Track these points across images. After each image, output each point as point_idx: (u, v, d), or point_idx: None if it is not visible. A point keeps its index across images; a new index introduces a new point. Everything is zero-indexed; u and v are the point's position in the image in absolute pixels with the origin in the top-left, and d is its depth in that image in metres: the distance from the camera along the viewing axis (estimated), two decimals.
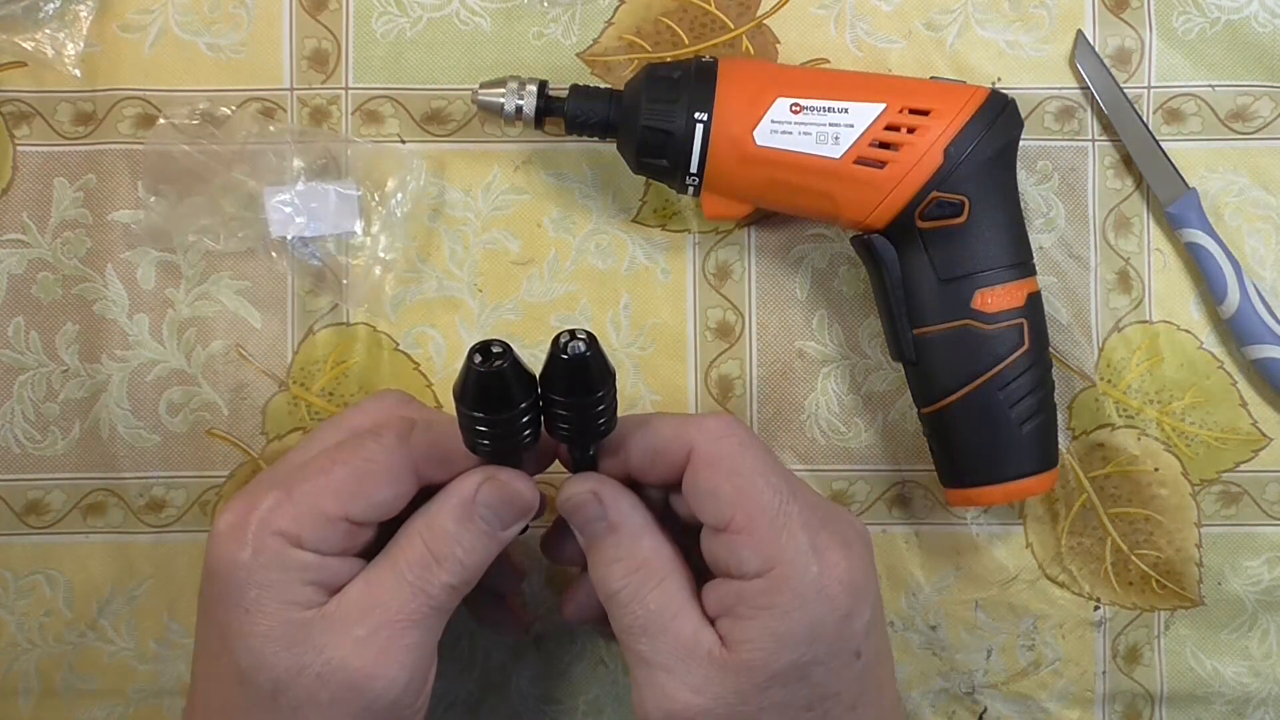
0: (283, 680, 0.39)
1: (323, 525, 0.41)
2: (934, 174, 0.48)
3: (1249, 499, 0.55)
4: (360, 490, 0.41)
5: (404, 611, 0.40)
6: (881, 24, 0.55)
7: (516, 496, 0.42)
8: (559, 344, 0.38)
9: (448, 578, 0.41)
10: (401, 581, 0.41)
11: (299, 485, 0.41)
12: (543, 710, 0.55)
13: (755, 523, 0.41)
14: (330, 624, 0.40)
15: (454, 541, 0.41)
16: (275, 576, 0.40)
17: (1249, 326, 0.53)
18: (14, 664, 0.54)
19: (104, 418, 0.54)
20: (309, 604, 0.40)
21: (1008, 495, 0.50)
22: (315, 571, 0.41)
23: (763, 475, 0.42)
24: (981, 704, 0.55)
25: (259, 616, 0.40)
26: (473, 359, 0.38)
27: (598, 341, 0.39)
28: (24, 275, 0.54)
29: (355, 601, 0.41)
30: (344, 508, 0.41)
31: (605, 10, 0.55)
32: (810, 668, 0.40)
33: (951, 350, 0.49)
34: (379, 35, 0.54)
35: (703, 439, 0.42)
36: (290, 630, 0.40)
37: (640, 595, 0.41)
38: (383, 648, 0.40)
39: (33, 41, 0.53)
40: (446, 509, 0.42)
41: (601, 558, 0.43)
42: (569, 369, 0.39)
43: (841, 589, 0.41)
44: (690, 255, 0.55)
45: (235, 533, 0.40)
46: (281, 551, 0.40)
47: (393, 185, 0.53)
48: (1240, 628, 0.55)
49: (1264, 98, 0.55)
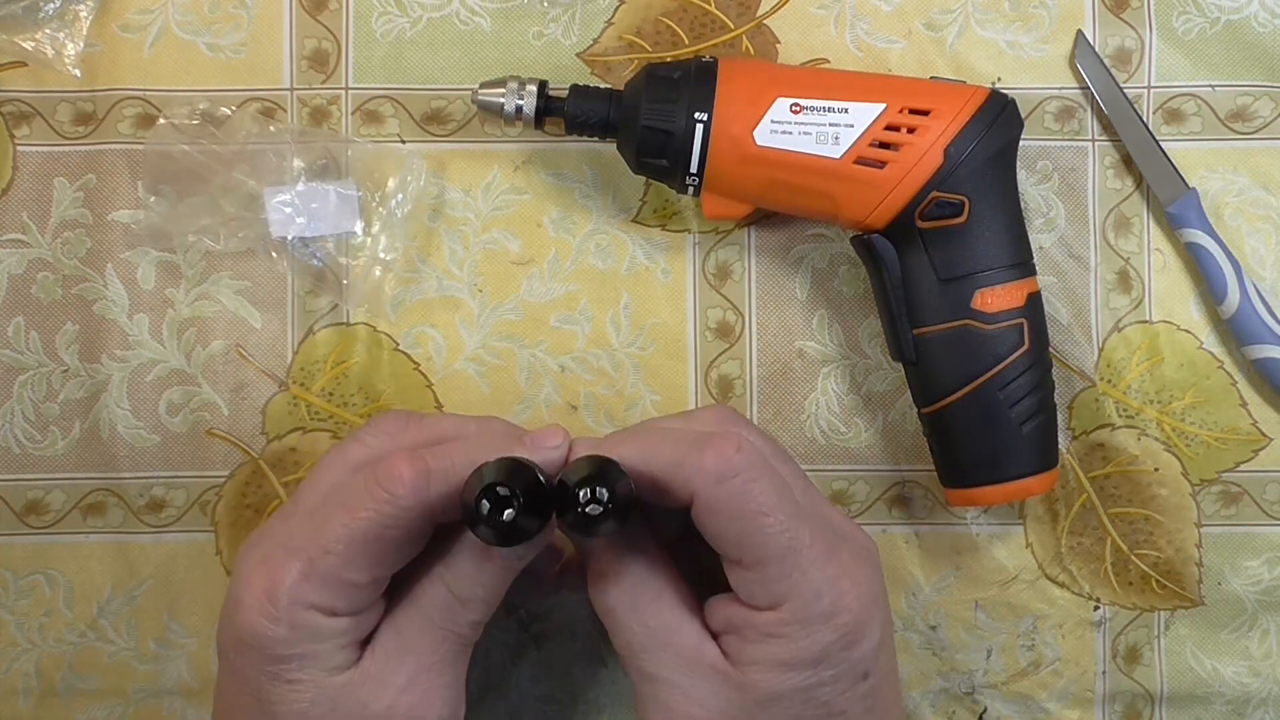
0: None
1: (352, 591, 0.40)
2: (934, 174, 0.48)
3: (1249, 499, 0.55)
4: (384, 554, 0.41)
5: (437, 654, 0.42)
6: (881, 24, 0.55)
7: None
8: (576, 498, 0.38)
9: (473, 616, 0.42)
10: (431, 626, 0.42)
11: (322, 558, 0.40)
12: (543, 710, 0.55)
13: (762, 563, 0.40)
14: (368, 679, 0.41)
15: (475, 583, 0.42)
16: (314, 648, 0.40)
17: (1249, 326, 0.53)
18: (14, 664, 0.54)
19: (104, 418, 0.54)
20: (346, 665, 0.41)
21: (1008, 495, 0.50)
22: (350, 634, 0.41)
23: (770, 514, 0.40)
24: (981, 704, 0.55)
25: (301, 687, 0.40)
26: (479, 507, 0.37)
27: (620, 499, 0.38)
28: (24, 275, 0.54)
29: (389, 652, 0.41)
30: (370, 573, 0.41)
31: (605, 10, 0.55)
32: (816, 689, 0.40)
33: (951, 350, 0.49)
34: (379, 35, 0.54)
35: (703, 485, 0.40)
36: (333, 694, 0.40)
37: (637, 611, 0.42)
38: (423, 691, 0.41)
39: (33, 41, 0.53)
40: (465, 552, 0.42)
41: (599, 573, 0.43)
42: (589, 524, 0.38)
43: (850, 617, 0.40)
44: (690, 255, 0.55)
45: (265, 609, 0.40)
46: (316, 624, 0.40)
47: (393, 185, 0.53)
48: (1240, 628, 0.55)
49: (1264, 98, 0.55)
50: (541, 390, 0.54)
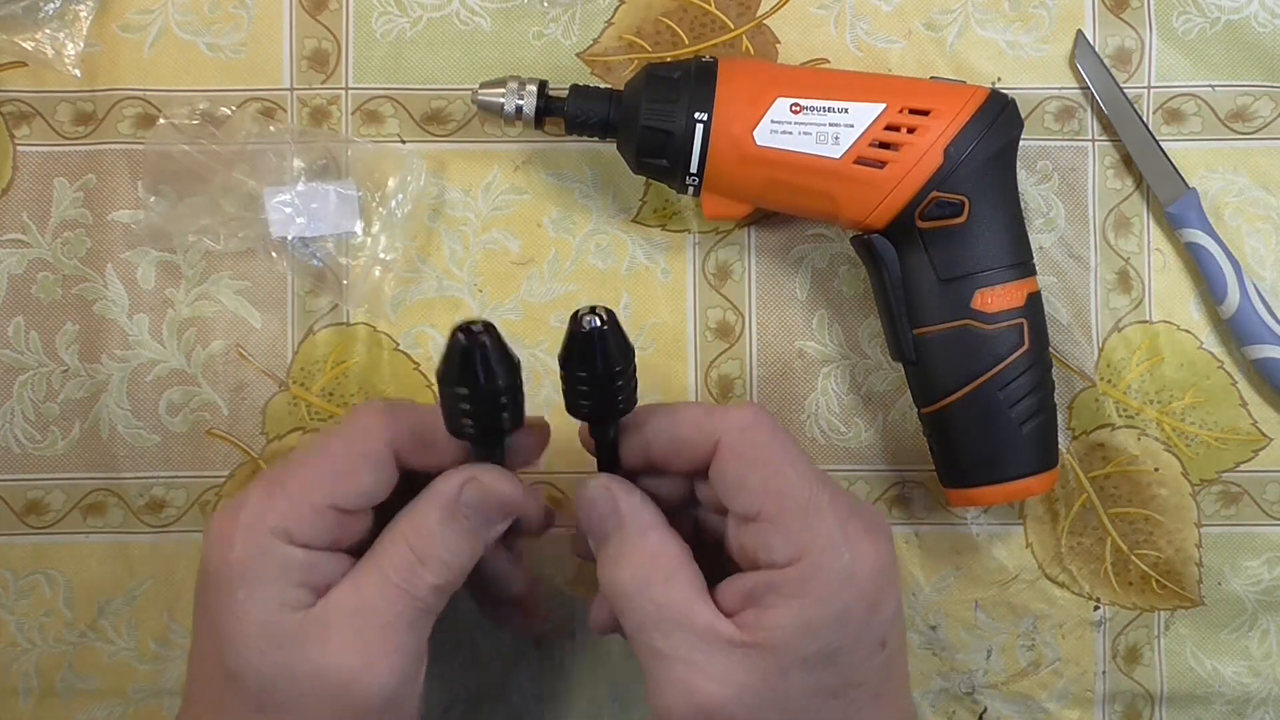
0: (269, 682, 0.39)
1: (311, 517, 0.41)
2: (934, 174, 0.48)
3: (1249, 499, 0.55)
4: (344, 477, 0.41)
5: (391, 613, 0.40)
6: (881, 24, 0.55)
7: (499, 496, 0.42)
8: (578, 319, 0.39)
9: (433, 579, 0.41)
10: (387, 584, 0.41)
11: (287, 481, 0.41)
12: (543, 710, 0.55)
13: (785, 512, 0.40)
14: (317, 626, 0.40)
15: (438, 543, 0.41)
16: (265, 576, 0.40)
17: (1249, 326, 0.53)
18: (14, 664, 0.54)
19: (104, 418, 0.54)
20: (297, 605, 0.40)
21: (1008, 495, 0.50)
22: (305, 570, 0.41)
23: (791, 465, 0.41)
24: (981, 704, 0.55)
25: (247, 618, 0.40)
26: (455, 335, 0.38)
27: (617, 318, 0.39)
28: (24, 275, 0.54)
29: (342, 603, 0.40)
30: (330, 496, 0.41)
31: (605, 10, 0.55)
32: (837, 655, 0.40)
33: (951, 350, 0.49)
34: (379, 35, 0.54)
35: (729, 430, 0.42)
36: (278, 632, 0.40)
37: (649, 587, 0.41)
38: (370, 650, 0.40)
39: (33, 41, 0.53)
40: (430, 510, 0.42)
41: (609, 556, 0.42)
42: (587, 344, 0.39)
43: (871, 578, 0.40)
44: (690, 255, 0.55)
45: (225, 531, 0.41)
46: (271, 549, 0.40)
47: (393, 185, 0.53)
48: (1240, 628, 0.55)
49: (1264, 98, 0.55)
50: (541, 390, 0.54)
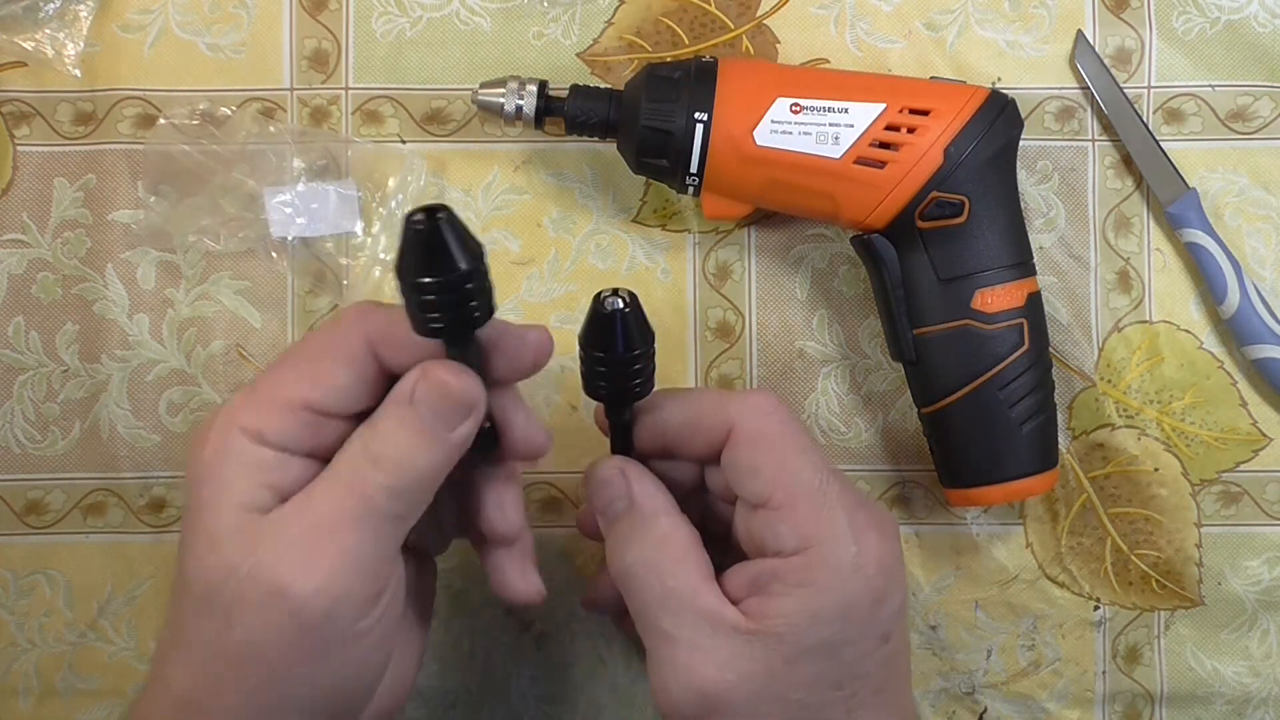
0: (214, 582, 0.37)
1: (284, 415, 0.39)
2: (934, 174, 0.48)
3: (1249, 499, 0.55)
4: (319, 374, 0.39)
5: (337, 514, 0.38)
6: (881, 24, 0.55)
7: (454, 390, 0.39)
8: (600, 300, 0.38)
9: (384, 479, 0.38)
10: (337, 482, 0.38)
11: (262, 381, 0.40)
12: (543, 710, 0.55)
13: (795, 500, 0.41)
14: (268, 526, 0.38)
15: (389, 441, 0.38)
16: (232, 474, 0.38)
17: (1249, 326, 0.53)
18: (14, 664, 0.54)
19: (104, 418, 0.54)
20: (260, 507, 0.38)
21: (1008, 495, 0.50)
22: (273, 471, 0.38)
23: (804, 454, 0.42)
24: (981, 704, 0.55)
25: (207, 517, 0.38)
26: (411, 218, 0.35)
27: (639, 302, 0.38)
28: (24, 275, 0.54)
29: (294, 505, 0.38)
30: (304, 393, 0.39)
31: (605, 10, 0.55)
32: (840, 647, 0.40)
33: (951, 350, 0.49)
34: (379, 35, 0.54)
35: (744, 415, 0.42)
36: (231, 533, 0.37)
37: (658, 569, 0.41)
38: (312, 552, 0.37)
39: (33, 41, 0.53)
40: (386, 411, 0.39)
41: (619, 536, 0.42)
42: (607, 326, 0.39)
43: (877, 570, 0.41)
44: (690, 255, 0.55)
45: (202, 432, 0.39)
46: (241, 448, 0.38)
47: (393, 185, 0.53)
48: (1240, 628, 0.55)
49: (1264, 98, 0.55)
50: (541, 390, 0.54)
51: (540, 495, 0.54)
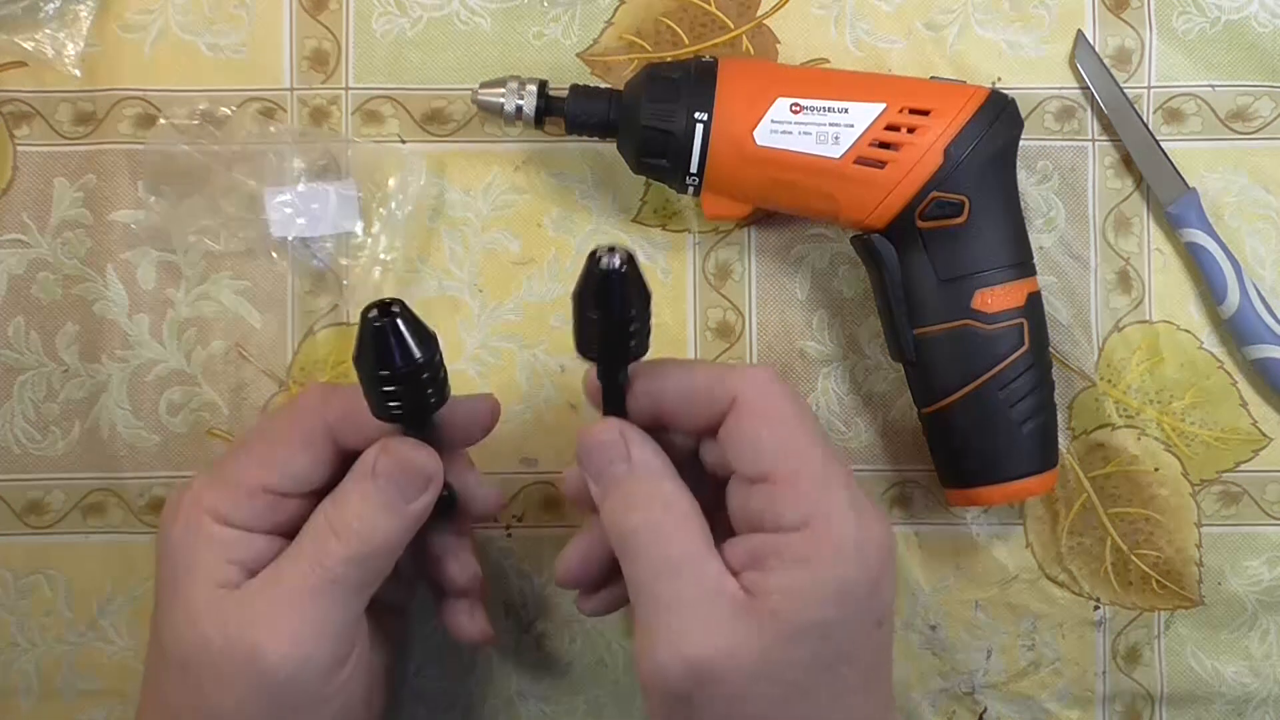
0: (190, 654, 0.40)
1: (245, 499, 0.42)
2: (934, 174, 0.48)
3: (1249, 499, 0.55)
4: (276, 458, 0.42)
5: (300, 584, 0.40)
6: (881, 24, 0.55)
7: (412, 464, 0.42)
8: (595, 258, 0.37)
9: (344, 550, 0.40)
10: (300, 555, 0.41)
11: (225, 465, 0.43)
12: (543, 710, 0.55)
13: (798, 475, 0.40)
14: (238, 600, 0.41)
15: (350, 512, 0.41)
16: (200, 554, 0.41)
17: (1249, 326, 0.53)
18: (14, 664, 0.54)
19: (104, 418, 0.54)
20: (228, 583, 0.41)
21: (1008, 495, 0.50)
22: (238, 549, 0.41)
23: (807, 430, 0.41)
24: (981, 704, 0.55)
25: (178, 593, 0.41)
26: (366, 315, 0.37)
27: (635, 260, 0.38)
28: (24, 275, 0.54)
29: (261, 579, 0.41)
30: (262, 478, 0.42)
31: (605, 10, 0.55)
32: (835, 628, 0.39)
33: (951, 350, 0.49)
34: (379, 35, 0.54)
35: (748, 387, 0.41)
36: (204, 607, 0.40)
37: (663, 534, 0.40)
38: (279, 622, 0.40)
39: (33, 41, 0.53)
40: (347, 486, 0.42)
41: (620, 500, 0.41)
42: (603, 285, 0.38)
43: (876, 552, 0.40)
44: (690, 255, 0.55)
45: (170, 513, 0.42)
46: (207, 529, 0.41)
47: (393, 185, 0.53)
48: (1240, 628, 0.55)
49: (1264, 98, 0.55)
50: (542, 390, 0.54)
51: (540, 495, 0.54)
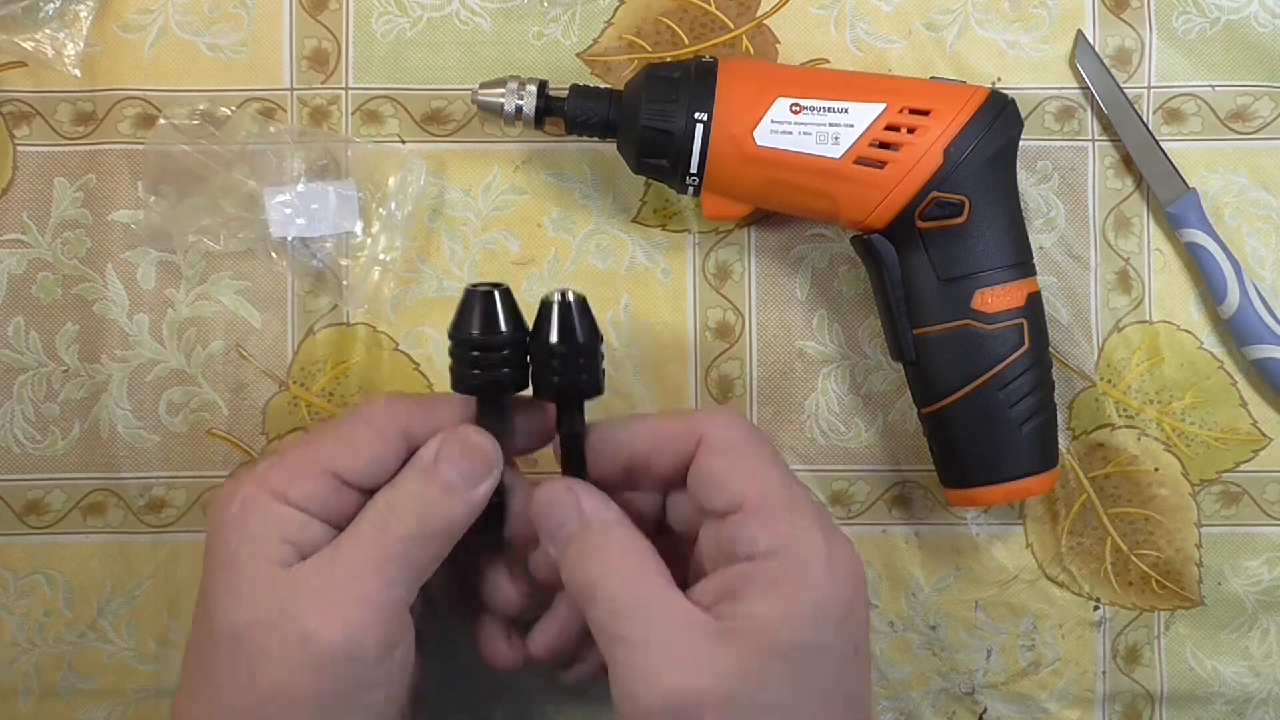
0: (241, 631, 0.40)
1: (310, 479, 0.42)
2: (934, 174, 0.48)
3: (1249, 499, 0.55)
4: (349, 446, 0.42)
5: (359, 562, 0.40)
6: (881, 24, 0.55)
7: (474, 448, 0.42)
8: (547, 295, 0.42)
9: (405, 529, 0.41)
10: (359, 534, 0.41)
11: (291, 448, 0.43)
12: (543, 710, 0.55)
13: (767, 503, 0.41)
14: (291, 578, 0.40)
15: (414, 496, 0.41)
16: (255, 531, 0.41)
17: (1249, 326, 0.53)
18: (14, 664, 0.54)
19: (104, 418, 0.54)
20: (281, 561, 0.41)
21: (1008, 495, 0.50)
22: (295, 530, 0.41)
23: (773, 462, 0.43)
24: (981, 704, 0.55)
25: (232, 570, 0.41)
26: (470, 288, 0.42)
27: (587, 303, 0.42)
28: (24, 275, 0.54)
29: (318, 557, 0.41)
30: (332, 462, 0.42)
31: (605, 10, 0.55)
32: (812, 652, 0.39)
33: (951, 350, 0.49)
34: (379, 35, 0.54)
35: (713, 426, 0.43)
36: (256, 584, 0.40)
37: (618, 576, 0.40)
38: (335, 598, 0.40)
39: (33, 41, 0.53)
40: (410, 468, 0.42)
41: (575, 553, 0.41)
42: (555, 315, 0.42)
43: (847, 576, 0.41)
44: (690, 255, 0.55)
45: (229, 490, 0.42)
46: (266, 506, 0.41)
47: (393, 185, 0.53)
48: (1240, 628, 0.55)
49: (1264, 98, 0.55)
50: None
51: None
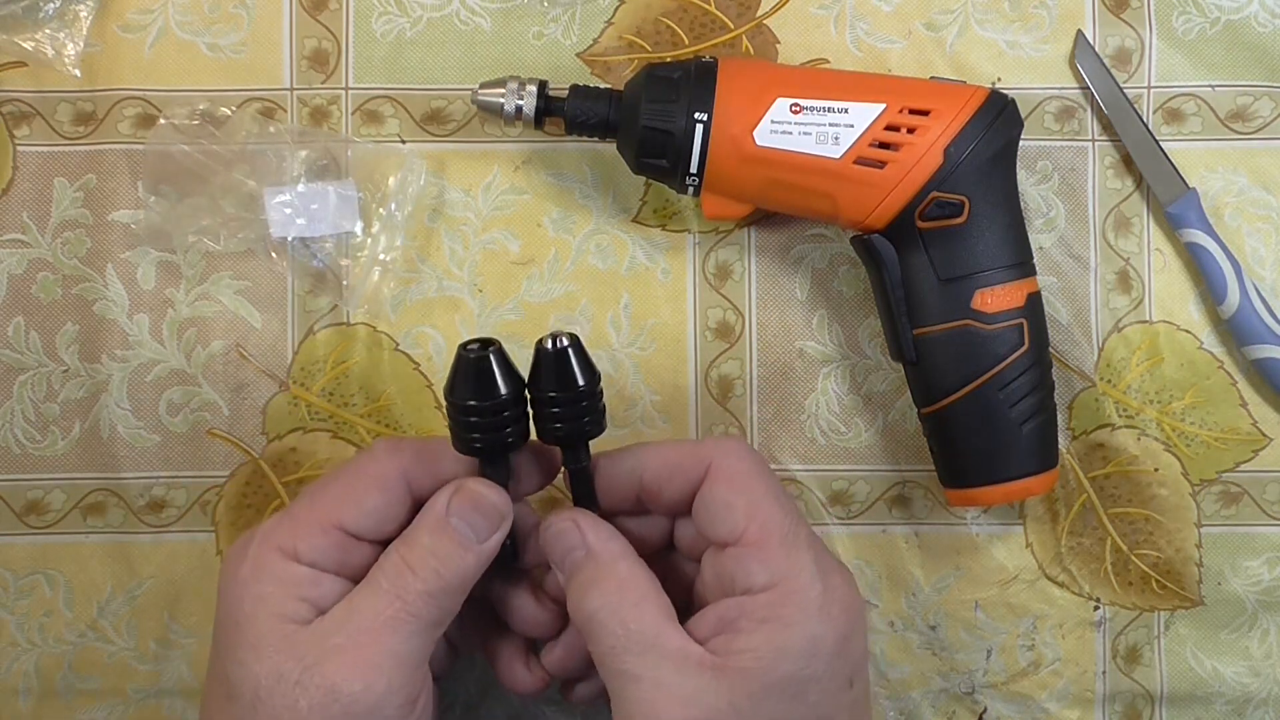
0: (263, 689, 0.40)
1: (317, 536, 0.42)
2: (934, 174, 0.48)
3: (1249, 499, 0.55)
4: (351, 499, 0.43)
5: (380, 618, 0.41)
6: (881, 24, 0.55)
7: (485, 503, 0.43)
8: (542, 341, 0.42)
9: (422, 585, 0.42)
10: (377, 590, 0.42)
11: (296, 505, 0.44)
12: (543, 710, 0.55)
13: (767, 537, 0.42)
14: (312, 635, 0.41)
15: (428, 552, 0.42)
16: (269, 589, 0.41)
17: (1249, 326, 0.53)
18: (14, 664, 0.54)
19: (104, 418, 0.54)
20: (298, 619, 0.41)
21: (1008, 495, 0.50)
22: (308, 587, 0.42)
23: (776, 496, 0.43)
24: (981, 704, 0.55)
25: (248, 628, 0.41)
26: (464, 348, 0.42)
27: (581, 343, 0.42)
28: (24, 275, 0.54)
29: (336, 614, 0.42)
30: (337, 516, 0.43)
31: (605, 10, 0.55)
32: (807, 685, 0.40)
33: (951, 350, 0.49)
34: (379, 35, 0.54)
35: (721, 455, 0.44)
36: (275, 641, 0.41)
37: (620, 612, 0.42)
38: (358, 654, 0.41)
39: (33, 41, 0.53)
40: (422, 524, 0.43)
41: (579, 584, 0.43)
42: (552, 363, 0.42)
43: (842, 610, 0.42)
44: (690, 255, 0.55)
45: (238, 550, 0.43)
46: (277, 565, 0.42)
47: (393, 185, 0.53)
48: (1240, 628, 0.55)
49: (1264, 98, 0.55)
50: None
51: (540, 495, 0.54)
